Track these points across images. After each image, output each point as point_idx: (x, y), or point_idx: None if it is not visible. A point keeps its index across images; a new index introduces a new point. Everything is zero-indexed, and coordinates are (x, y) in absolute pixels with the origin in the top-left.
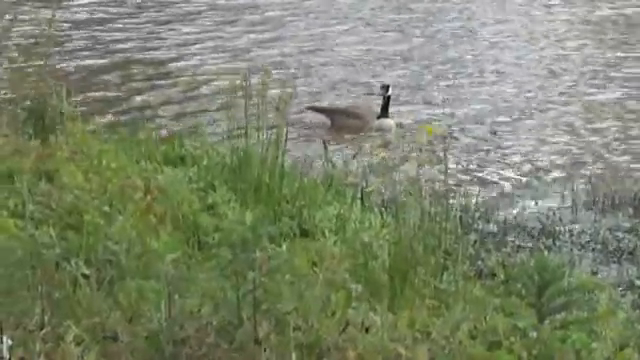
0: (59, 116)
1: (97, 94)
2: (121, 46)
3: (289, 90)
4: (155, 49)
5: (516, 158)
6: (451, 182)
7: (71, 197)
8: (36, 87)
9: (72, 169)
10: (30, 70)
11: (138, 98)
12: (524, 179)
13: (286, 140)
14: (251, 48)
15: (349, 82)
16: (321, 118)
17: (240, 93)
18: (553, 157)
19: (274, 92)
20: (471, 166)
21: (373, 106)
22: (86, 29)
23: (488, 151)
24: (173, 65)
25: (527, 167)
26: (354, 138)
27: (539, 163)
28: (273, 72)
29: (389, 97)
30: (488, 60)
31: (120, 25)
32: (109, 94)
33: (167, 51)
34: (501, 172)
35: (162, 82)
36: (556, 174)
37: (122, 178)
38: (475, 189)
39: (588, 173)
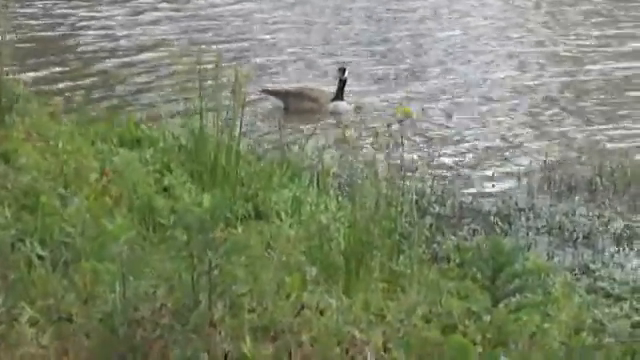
0: (15, 97)
1: (51, 74)
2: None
3: (244, 72)
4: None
5: (472, 142)
6: (407, 165)
7: (27, 178)
8: None
9: (28, 150)
10: None
11: (92, 78)
12: (480, 163)
13: (241, 122)
14: (209, 28)
15: (305, 64)
16: (276, 101)
17: (194, 75)
18: (509, 141)
19: (229, 73)
20: (427, 149)
21: (327, 89)
22: (40, 6)
23: (444, 135)
24: (128, 44)
25: (483, 151)
26: (309, 120)
27: (496, 147)
28: (232, 54)
29: (345, 80)
30: (447, 43)
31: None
32: (63, 74)
33: (121, 29)
34: (457, 156)
35: (117, 62)
36: (512, 158)
37: (78, 160)
38: (431, 172)
39: (544, 157)
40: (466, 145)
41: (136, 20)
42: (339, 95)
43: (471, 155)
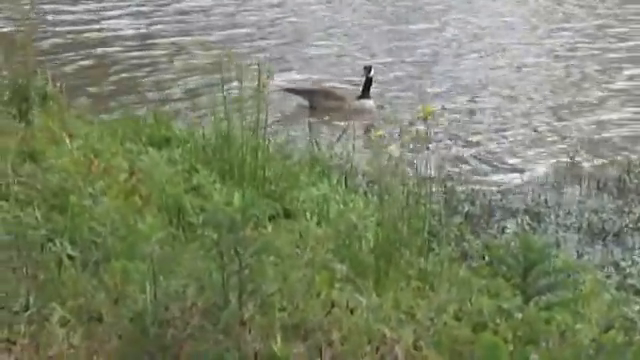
0: (43, 97)
1: (81, 75)
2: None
3: (268, 72)
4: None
5: (500, 140)
6: (435, 164)
7: (56, 178)
8: (20, 68)
9: (57, 150)
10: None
11: (122, 80)
12: (508, 161)
13: (266, 121)
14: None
15: (330, 64)
16: (301, 100)
17: (220, 76)
18: (536, 138)
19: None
20: (454, 147)
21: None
22: (69, 10)
23: (470, 133)
24: (158, 45)
25: (511, 149)
26: (336, 119)
27: (523, 145)
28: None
29: (371, 78)
30: (466, 40)
31: (106, 4)
32: (93, 76)
33: (149, 30)
34: (485, 154)
35: (141, 61)
36: (541, 156)
37: (107, 159)
38: (459, 171)
39: (572, 154)
40: (493, 143)
41: (161, 16)
42: (365, 93)
43: (498, 153)
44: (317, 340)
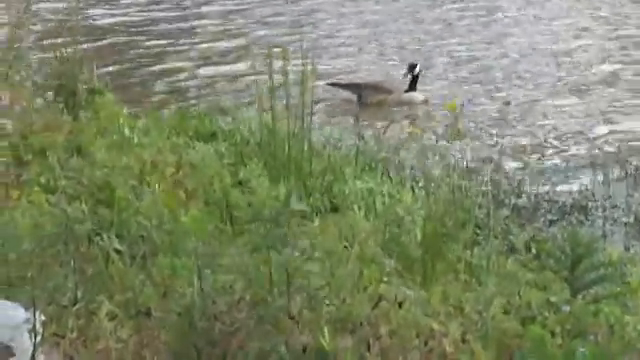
0: (90, 92)
1: (125, 70)
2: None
3: (311, 66)
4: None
5: (546, 134)
6: (481, 157)
7: (102, 172)
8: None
9: (103, 144)
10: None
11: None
12: (554, 153)
13: (312, 114)
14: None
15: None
16: (347, 94)
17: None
18: (582, 131)
19: (298, 68)
20: (500, 141)
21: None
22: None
23: (519, 127)
24: (199, 40)
25: (556, 142)
26: (382, 112)
27: (569, 137)
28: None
29: (418, 74)
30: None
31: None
32: (137, 71)
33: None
34: (531, 147)
35: (189, 56)
36: (588, 149)
37: (153, 153)
38: (505, 164)
39: (619, 147)
40: (538, 136)
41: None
42: (413, 87)
43: (544, 147)
44: (365, 334)
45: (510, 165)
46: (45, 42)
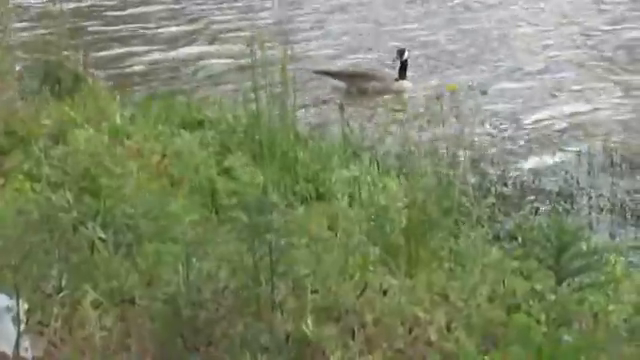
0: (75, 78)
1: (110, 58)
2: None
3: (288, 51)
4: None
5: (531, 121)
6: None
7: (87, 160)
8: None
9: (89, 132)
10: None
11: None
12: (540, 142)
13: (295, 102)
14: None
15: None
16: (336, 82)
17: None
18: (569, 120)
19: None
20: (486, 130)
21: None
22: None
23: (504, 114)
24: (184, 29)
25: (543, 130)
26: (370, 101)
27: (555, 126)
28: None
29: (406, 60)
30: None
31: None
32: (121, 58)
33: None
34: (517, 135)
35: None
36: (573, 137)
37: (139, 142)
38: (492, 152)
39: (605, 135)
40: (525, 124)
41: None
42: (402, 75)
43: (531, 134)
44: (350, 322)
45: (496, 153)
46: (28, 31)
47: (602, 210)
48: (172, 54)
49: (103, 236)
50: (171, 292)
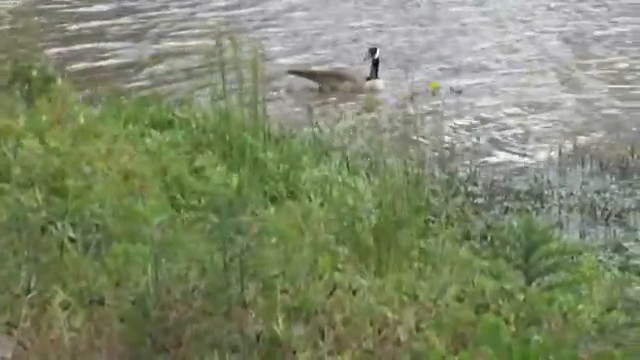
0: (45, 79)
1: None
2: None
3: (260, 50)
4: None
5: (502, 121)
6: (437, 144)
7: (57, 161)
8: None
9: (59, 132)
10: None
11: (118, 60)
12: (511, 142)
13: (264, 102)
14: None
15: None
16: (308, 82)
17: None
18: (540, 120)
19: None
20: (457, 129)
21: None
22: None
23: (475, 114)
24: (153, 31)
25: (514, 130)
26: (341, 100)
27: (527, 126)
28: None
29: (378, 59)
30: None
31: None
32: (90, 59)
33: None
34: (488, 135)
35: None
36: (544, 137)
37: (109, 142)
38: (462, 152)
39: (575, 135)
40: (496, 124)
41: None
42: (374, 74)
43: (501, 134)
44: (319, 322)
45: (466, 153)
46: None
47: (572, 209)
48: (141, 51)
49: (73, 236)
50: (140, 292)
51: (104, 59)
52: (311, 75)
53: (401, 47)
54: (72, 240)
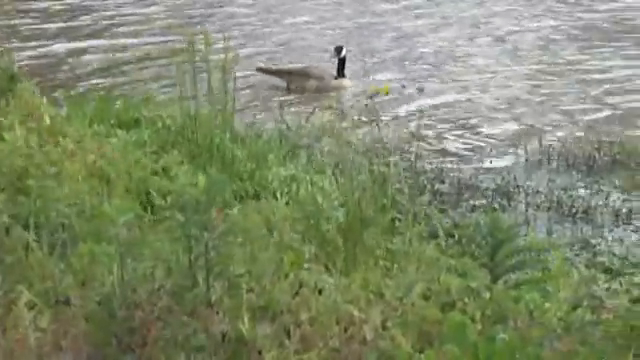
0: (10, 78)
1: (45, 58)
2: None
3: (233, 51)
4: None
5: (468, 119)
6: (404, 142)
7: (21, 161)
8: None
9: (23, 132)
10: None
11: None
12: (477, 139)
13: (234, 101)
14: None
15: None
16: (276, 80)
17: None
18: (506, 117)
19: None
20: (424, 127)
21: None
22: None
23: (442, 112)
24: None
25: (480, 128)
26: (308, 99)
27: (492, 124)
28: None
29: (344, 58)
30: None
31: None
32: (57, 59)
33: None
34: (455, 133)
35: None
36: (510, 135)
37: (75, 141)
38: (429, 150)
39: (542, 132)
40: (462, 123)
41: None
42: (341, 72)
43: (468, 132)
44: (285, 321)
45: (433, 151)
46: None
47: (539, 207)
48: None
49: (37, 237)
50: (106, 292)
51: (70, 57)
52: (278, 73)
53: (365, 47)
54: (38, 240)
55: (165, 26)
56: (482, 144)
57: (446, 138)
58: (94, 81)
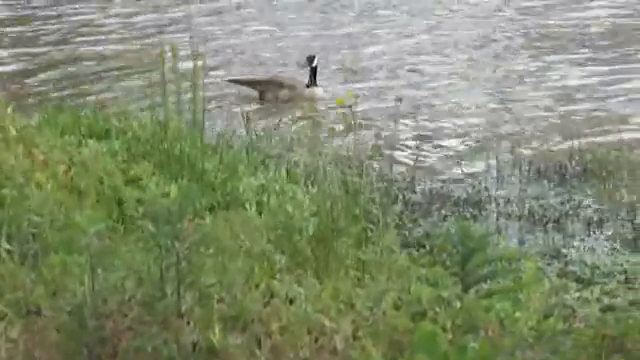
0: None
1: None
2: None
3: (200, 62)
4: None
5: (440, 129)
6: (374, 152)
7: None
8: None
9: None
10: None
11: (56, 70)
12: (449, 149)
13: (204, 112)
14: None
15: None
16: (247, 90)
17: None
18: (478, 127)
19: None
20: (396, 137)
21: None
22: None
23: (413, 122)
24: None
25: (452, 137)
26: (279, 109)
27: (464, 133)
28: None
29: (316, 67)
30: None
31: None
32: (26, 65)
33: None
34: (425, 142)
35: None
36: (481, 143)
37: (45, 152)
38: (400, 159)
39: (513, 142)
40: (434, 131)
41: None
42: (313, 81)
43: (439, 142)
44: (256, 331)
45: (405, 161)
46: None
47: (510, 216)
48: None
49: (9, 247)
50: (77, 303)
51: (40, 68)
52: (250, 83)
53: (336, 55)
54: (9, 251)
55: (128, 37)
56: (453, 153)
57: (417, 148)
58: (64, 92)
